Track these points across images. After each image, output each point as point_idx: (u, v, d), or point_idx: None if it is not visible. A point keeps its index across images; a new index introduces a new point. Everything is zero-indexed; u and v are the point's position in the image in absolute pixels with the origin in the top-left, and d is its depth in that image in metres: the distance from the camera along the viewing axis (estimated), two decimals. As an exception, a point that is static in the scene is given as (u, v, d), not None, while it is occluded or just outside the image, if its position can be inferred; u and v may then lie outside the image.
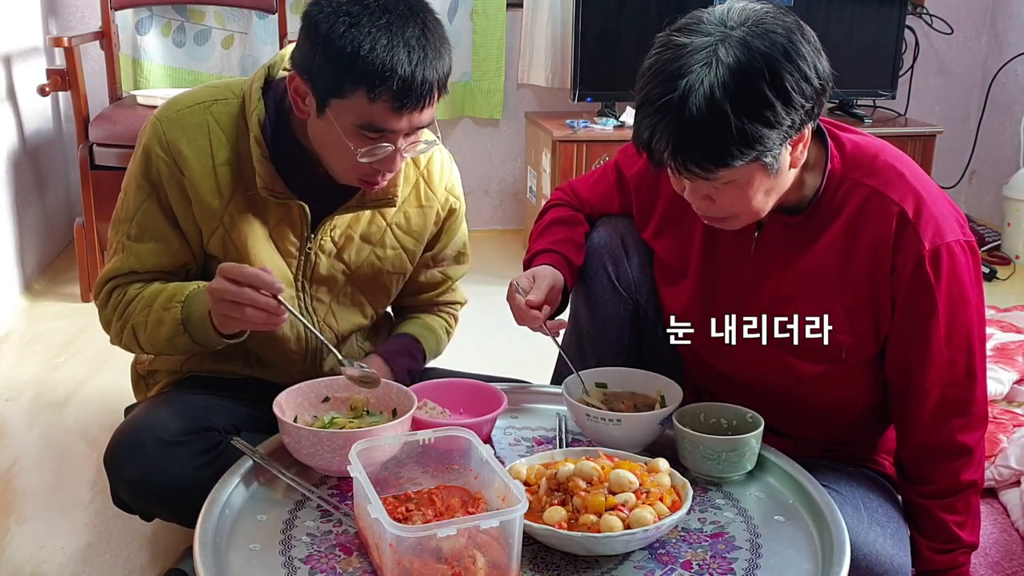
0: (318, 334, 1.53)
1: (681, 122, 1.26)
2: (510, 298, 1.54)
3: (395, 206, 1.64)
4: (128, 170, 1.58)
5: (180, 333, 1.49)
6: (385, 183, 1.53)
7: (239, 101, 1.55)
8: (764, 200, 1.37)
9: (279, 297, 1.39)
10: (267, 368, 1.66)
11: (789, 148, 1.33)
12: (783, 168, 1.34)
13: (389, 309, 1.85)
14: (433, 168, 1.70)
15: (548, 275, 1.56)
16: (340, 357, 1.49)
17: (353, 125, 1.42)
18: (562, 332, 1.64)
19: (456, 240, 1.79)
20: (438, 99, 1.45)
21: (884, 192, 1.40)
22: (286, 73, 1.56)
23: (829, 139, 1.43)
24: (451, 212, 1.75)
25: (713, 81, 1.24)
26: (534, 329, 1.54)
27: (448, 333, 1.86)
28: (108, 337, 1.63)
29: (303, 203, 1.56)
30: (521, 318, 1.53)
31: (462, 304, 1.89)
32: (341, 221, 1.61)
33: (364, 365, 1.51)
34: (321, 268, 1.63)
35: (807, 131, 1.33)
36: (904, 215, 1.38)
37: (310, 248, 1.61)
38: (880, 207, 1.39)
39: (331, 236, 1.62)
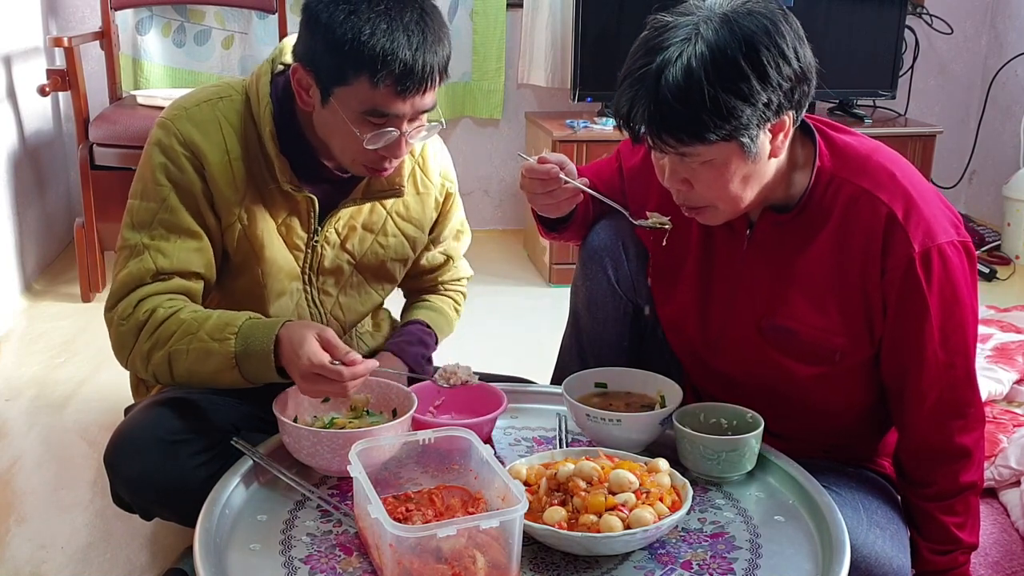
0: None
1: (657, 92, 1.28)
2: (521, 176, 1.54)
3: (402, 196, 1.67)
4: (140, 175, 1.56)
5: (230, 368, 1.44)
6: (392, 169, 1.54)
7: (242, 98, 1.56)
8: (741, 187, 1.37)
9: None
10: None
11: (768, 135, 1.33)
12: (762, 155, 1.34)
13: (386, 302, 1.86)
14: (427, 154, 1.72)
15: (555, 154, 1.56)
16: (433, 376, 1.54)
17: (357, 112, 1.44)
18: (585, 184, 1.55)
19: (454, 221, 1.83)
20: (439, 83, 1.47)
21: (873, 193, 1.39)
22: (283, 67, 1.58)
23: (819, 137, 1.43)
24: (448, 197, 1.78)
25: (691, 54, 1.27)
26: (550, 192, 1.52)
27: (456, 310, 1.90)
28: (116, 351, 1.54)
29: (312, 196, 1.58)
30: (534, 179, 1.52)
31: (468, 278, 1.93)
32: (344, 212, 1.63)
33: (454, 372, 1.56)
34: (327, 260, 1.65)
35: (788, 120, 1.33)
36: (893, 216, 1.37)
37: (317, 240, 1.62)
38: (869, 208, 1.39)
39: (335, 227, 1.64)
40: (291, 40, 1.60)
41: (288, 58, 1.59)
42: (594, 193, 1.57)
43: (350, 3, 1.40)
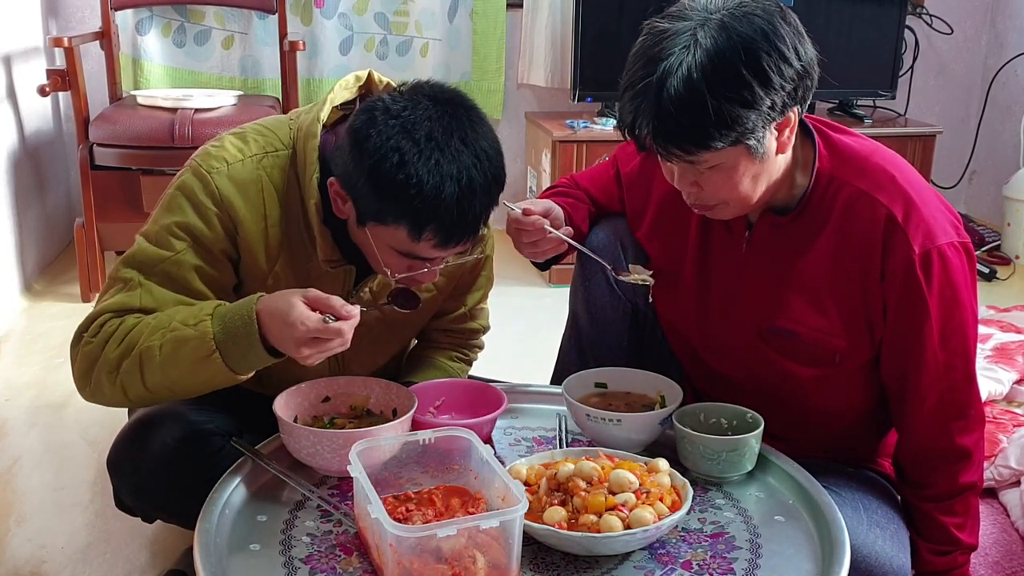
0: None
1: (660, 104, 1.27)
2: (508, 223, 1.53)
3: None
4: (157, 218, 1.45)
5: (208, 354, 1.32)
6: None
7: (288, 153, 1.46)
8: (752, 186, 1.36)
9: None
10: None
11: (775, 132, 1.33)
12: (769, 153, 1.34)
13: None
14: None
15: (542, 202, 1.56)
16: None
17: (391, 247, 1.38)
18: (568, 234, 1.56)
19: (475, 263, 1.71)
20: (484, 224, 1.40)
21: (872, 194, 1.39)
22: (331, 113, 1.47)
23: (818, 138, 1.43)
24: (479, 237, 1.65)
25: (691, 63, 1.26)
26: (535, 242, 1.52)
27: (461, 360, 1.79)
28: (79, 378, 1.44)
29: (351, 267, 1.50)
30: (519, 229, 1.51)
31: (480, 331, 1.81)
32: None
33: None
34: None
35: (793, 115, 1.33)
36: (892, 218, 1.37)
37: (351, 303, 1.53)
38: (868, 209, 1.39)
39: (370, 287, 1.55)
40: (339, 91, 1.48)
41: (326, 113, 1.46)
42: (578, 247, 1.56)
43: (400, 151, 1.29)
